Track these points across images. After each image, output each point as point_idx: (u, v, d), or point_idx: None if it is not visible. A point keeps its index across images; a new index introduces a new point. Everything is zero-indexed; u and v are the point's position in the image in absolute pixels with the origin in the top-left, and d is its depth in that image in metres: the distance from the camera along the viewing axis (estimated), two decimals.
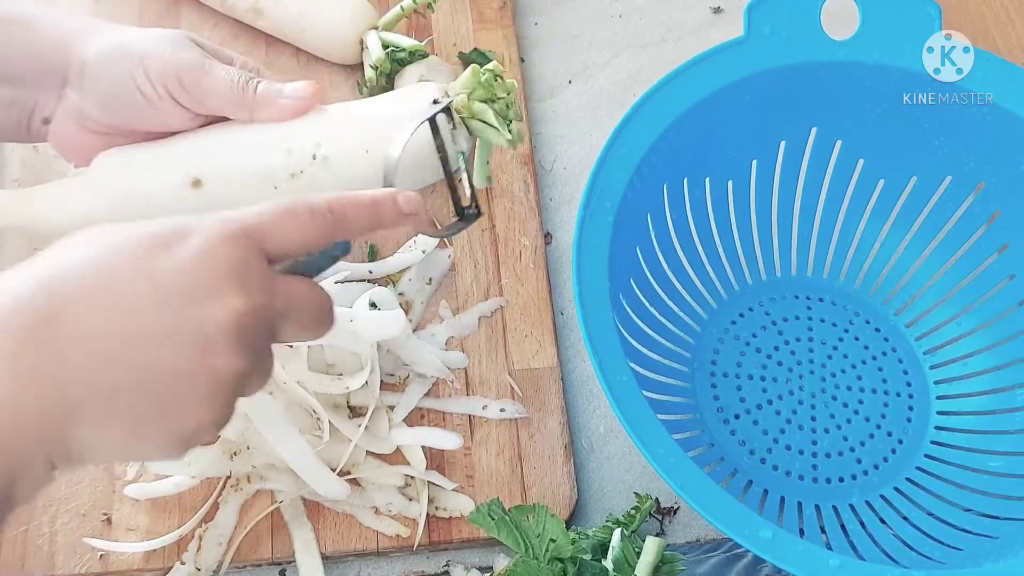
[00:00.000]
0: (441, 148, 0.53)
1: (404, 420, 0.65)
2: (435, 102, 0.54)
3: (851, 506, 0.64)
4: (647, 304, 0.66)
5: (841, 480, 0.65)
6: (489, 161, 0.65)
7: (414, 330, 0.68)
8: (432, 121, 0.52)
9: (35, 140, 0.58)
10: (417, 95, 0.56)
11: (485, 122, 0.56)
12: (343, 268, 0.68)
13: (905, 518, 0.63)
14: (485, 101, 0.56)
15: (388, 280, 0.70)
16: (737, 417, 0.67)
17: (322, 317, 0.41)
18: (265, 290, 0.38)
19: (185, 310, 0.36)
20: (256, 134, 0.55)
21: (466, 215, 0.53)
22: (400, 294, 0.69)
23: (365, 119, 0.56)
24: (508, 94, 0.56)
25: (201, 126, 0.57)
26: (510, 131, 0.56)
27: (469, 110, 0.56)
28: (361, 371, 0.63)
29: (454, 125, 0.54)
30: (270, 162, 0.55)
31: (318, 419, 0.62)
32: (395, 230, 0.43)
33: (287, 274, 0.40)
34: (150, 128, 0.56)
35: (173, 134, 0.56)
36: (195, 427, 0.38)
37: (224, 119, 0.56)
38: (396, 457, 0.64)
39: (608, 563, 0.55)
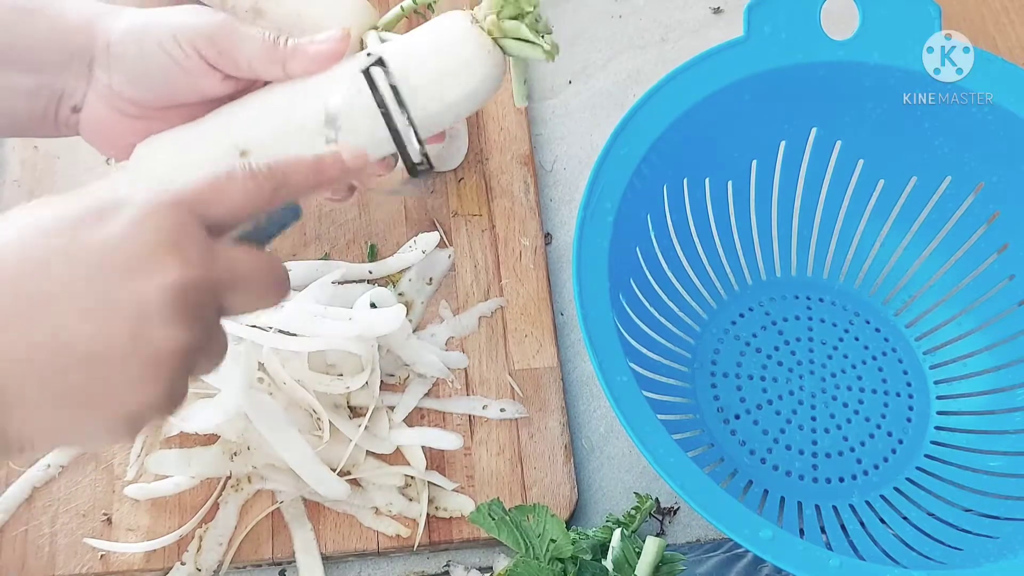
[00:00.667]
0: (381, 103, 0.50)
1: (404, 420, 0.65)
2: (368, 54, 0.51)
3: (851, 506, 0.64)
4: (647, 304, 0.66)
5: (841, 480, 0.65)
6: (527, 80, 0.61)
7: (414, 330, 0.68)
8: (368, 76, 0.50)
9: (64, 132, 0.57)
10: (447, 22, 0.54)
11: (520, 39, 0.53)
12: (343, 268, 0.68)
13: (905, 518, 0.63)
14: (515, 17, 0.53)
15: (388, 280, 0.70)
16: (737, 417, 0.67)
17: (273, 285, 0.39)
18: (205, 259, 0.36)
19: (117, 285, 0.34)
20: (294, 92, 0.54)
21: (417, 171, 0.51)
22: (400, 294, 0.69)
23: (406, 54, 0.55)
24: (535, 7, 0.54)
25: (234, 96, 0.56)
26: (545, 42, 0.53)
27: (501, 29, 0.53)
28: (362, 372, 0.63)
29: (391, 77, 0.51)
30: (315, 118, 0.54)
31: (318, 419, 0.62)
32: (345, 190, 0.41)
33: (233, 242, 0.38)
34: (184, 99, 0.55)
35: (207, 109, 0.56)
36: (140, 408, 0.36)
37: (256, 87, 0.56)
38: (396, 457, 0.64)
39: (608, 563, 0.55)
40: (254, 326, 0.62)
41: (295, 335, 0.61)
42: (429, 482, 0.63)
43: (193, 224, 0.36)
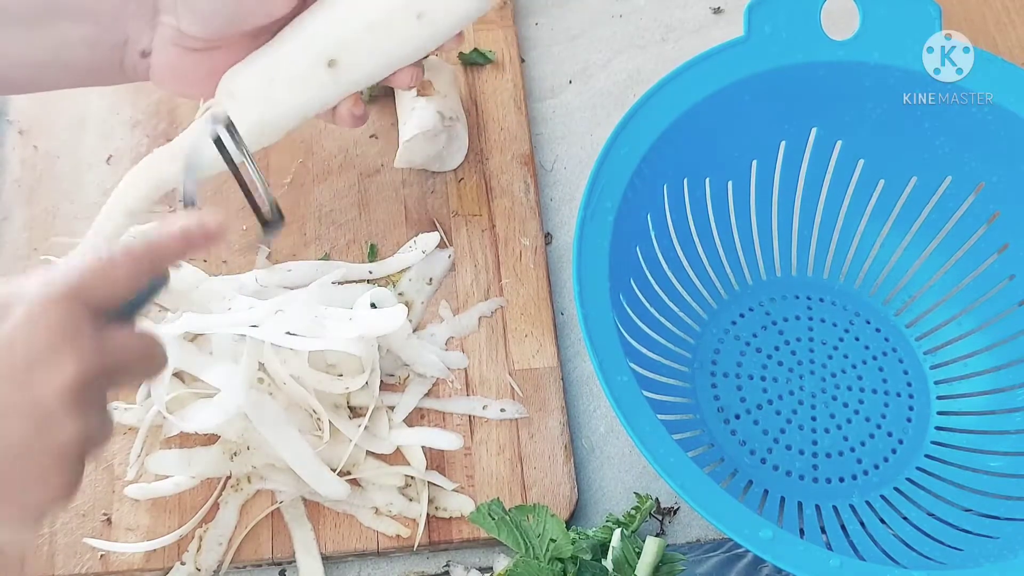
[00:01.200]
0: (229, 161, 0.52)
1: (404, 420, 0.65)
2: (214, 119, 0.53)
3: (851, 506, 0.64)
4: (647, 304, 0.66)
5: (841, 480, 0.65)
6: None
7: (414, 330, 0.68)
8: (216, 141, 0.52)
9: (133, 78, 0.57)
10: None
11: None
12: (343, 268, 0.68)
13: (905, 518, 0.63)
14: None
15: (388, 280, 0.70)
16: (737, 417, 0.67)
17: (155, 363, 0.40)
18: (96, 349, 0.37)
19: (17, 385, 0.35)
20: None
21: (268, 224, 0.53)
22: (400, 294, 0.69)
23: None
24: None
25: (297, 12, 0.56)
26: None
27: None
28: (362, 372, 0.63)
29: (236, 135, 0.53)
30: (394, 11, 0.55)
31: (318, 419, 0.62)
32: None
33: (114, 320, 0.39)
34: (253, 23, 0.55)
35: (272, 31, 0.56)
36: (47, 500, 0.37)
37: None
38: (396, 457, 0.64)
39: (608, 563, 0.55)
40: (254, 326, 0.62)
41: (296, 335, 0.61)
42: (429, 482, 0.63)
43: (83, 315, 0.37)
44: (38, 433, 0.36)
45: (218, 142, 0.51)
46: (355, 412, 0.64)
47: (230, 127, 0.52)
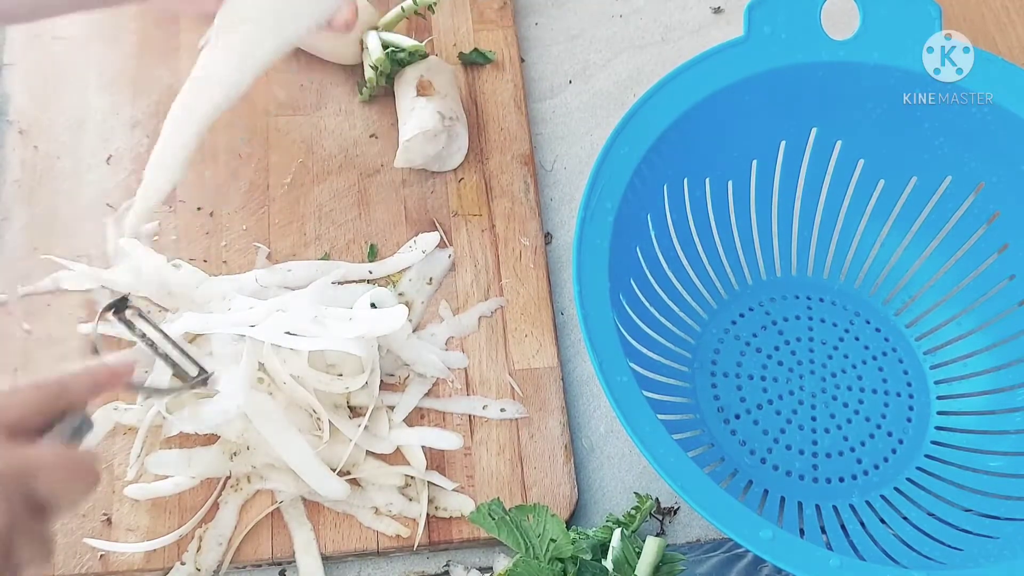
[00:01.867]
0: (143, 337, 0.55)
1: (404, 420, 0.65)
2: (107, 308, 0.55)
3: (851, 506, 0.64)
4: (647, 304, 0.66)
5: (841, 480, 0.65)
6: None
7: (414, 330, 0.68)
8: (122, 319, 0.55)
9: None
10: None
11: None
12: (343, 268, 0.68)
13: (905, 518, 0.63)
14: None
15: (388, 280, 0.70)
16: (737, 417, 0.67)
17: (77, 474, 0.41)
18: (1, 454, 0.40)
19: None
20: None
21: (194, 383, 0.57)
22: (400, 294, 0.69)
23: None
24: None
25: None
26: None
27: None
28: (362, 372, 0.63)
29: (140, 313, 0.56)
30: None
31: (318, 419, 0.62)
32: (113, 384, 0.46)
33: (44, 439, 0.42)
34: None
35: None
36: None
37: None
38: (396, 457, 0.64)
39: (608, 563, 0.55)
40: (254, 326, 0.62)
41: (296, 335, 0.61)
42: (429, 482, 0.63)
43: None
44: None
45: (125, 321, 0.55)
46: (355, 412, 0.64)
47: (131, 307, 0.55)
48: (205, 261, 0.70)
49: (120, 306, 0.55)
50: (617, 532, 0.56)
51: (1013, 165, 0.65)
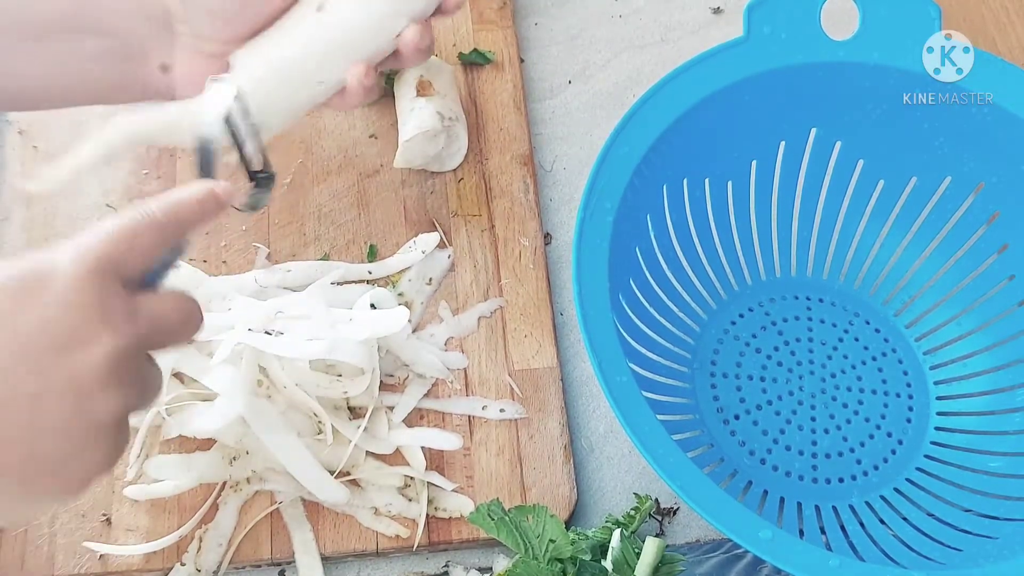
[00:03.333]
0: (228, 119, 0.51)
1: (404, 421, 0.65)
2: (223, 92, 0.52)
3: (851, 506, 0.64)
4: (647, 304, 0.66)
5: (841, 480, 0.65)
6: None
7: (414, 330, 0.68)
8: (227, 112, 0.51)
9: (157, 96, 0.57)
10: None
11: None
12: (342, 269, 0.68)
13: (905, 519, 0.63)
14: None
15: (388, 281, 0.70)
16: (737, 417, 0.67)
17: (192, 322, 0.41)
18: (130, 320, 0.37)
19: (56, 364, 0.36)
20: None
21: (259, 180, 0.52)
22: (400, 294, 0.69)
23: None
24: None
25: None
26: None
27: None
28: (362, 374, 0.63)
29: (238, 95, 0.52)
30: None
31: (319, 421, 0.62)
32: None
33: (142, 287, 0.40)
34: (268, 11, 0.55)
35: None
36: (90, 471, 0.38)
37: None
38: (396, 458, 0.64)
39: (608, 564, 0.55)
40: (250, 329, 0.62)
41: (297, 341, 0.61)
42: (429, 482, 0.63)
43: (114, 288, 0.37)
44: (76, 411, 0.36)
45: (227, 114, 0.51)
46: (355, 413, 0.64)
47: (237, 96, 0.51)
48: (205, 261, 0.70)
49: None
50: (616, 533, 0.56)
51: (1013, 165, 0.65)
